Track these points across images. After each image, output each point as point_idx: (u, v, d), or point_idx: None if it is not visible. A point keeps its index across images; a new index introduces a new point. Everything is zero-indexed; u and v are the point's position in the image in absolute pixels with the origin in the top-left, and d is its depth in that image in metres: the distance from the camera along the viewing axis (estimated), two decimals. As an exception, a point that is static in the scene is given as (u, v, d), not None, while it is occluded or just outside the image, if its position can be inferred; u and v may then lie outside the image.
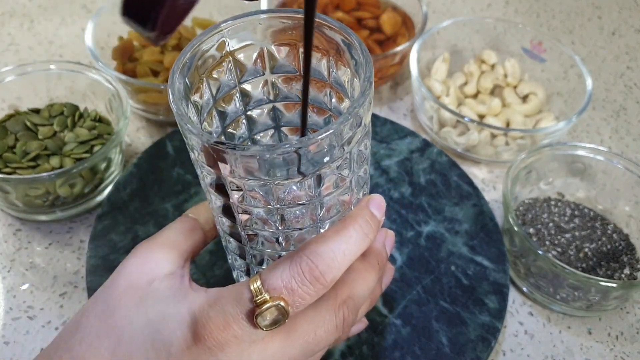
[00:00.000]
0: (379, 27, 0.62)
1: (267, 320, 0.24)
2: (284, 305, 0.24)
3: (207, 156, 0.23)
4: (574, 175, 0.51)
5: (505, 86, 0.60)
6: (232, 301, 0.25)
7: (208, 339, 0.24)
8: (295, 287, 0.25)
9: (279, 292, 0.24)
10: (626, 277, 0.45)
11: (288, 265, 0.25)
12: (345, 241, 0.26)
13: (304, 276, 0.25)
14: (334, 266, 0.25)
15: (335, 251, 0.25)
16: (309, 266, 0.25)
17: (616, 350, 0.44)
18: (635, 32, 0.74)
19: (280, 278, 0.25)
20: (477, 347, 0.40)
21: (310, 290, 0.25)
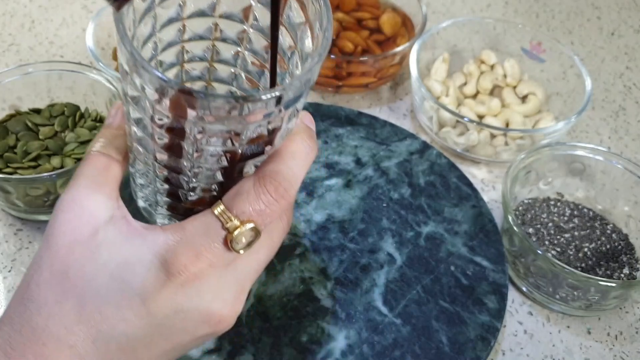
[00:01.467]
0: (379, 27, 0.62)
1: (241, 244, 0.25)
2: (256, 226, 0.25)
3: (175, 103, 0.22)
4: (573, 175, 0.52)
5: (505, 86, 0.60)
6: (200, 233, 0.25)
7: (183, 272, 0.25)
8: (263, 207, 0.25)
9: (249, 215, 0.25)
10: (625, 276, 0.45)
11: (252, 189, 0.25)
12: (297, 156, 0.26)
13: (271, 196, 0.25)
14: (294, 180, 0.26)
15: (292, 167, 0.26)
16: (274, 185, 0.25)
17: (615, 350, 0.44)
18: (635, 32, 0.75)
19: (248, 202, 0.25)
20: (476, 347, 0.40)
21: (277, 208, 0.26)
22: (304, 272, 0.44)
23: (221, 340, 0.39)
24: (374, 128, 0.54)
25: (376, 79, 0.59)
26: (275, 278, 0.43)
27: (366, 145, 0.53)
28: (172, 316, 0.25)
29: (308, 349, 0.39)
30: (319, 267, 0.44)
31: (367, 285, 0.43)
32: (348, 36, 0.60)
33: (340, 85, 0.59)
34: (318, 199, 0.48)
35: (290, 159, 0.26)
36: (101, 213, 0.26)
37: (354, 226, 0.47)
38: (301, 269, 0.44)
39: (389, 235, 0.46)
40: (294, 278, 0.43)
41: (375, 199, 0.49)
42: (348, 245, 0.45)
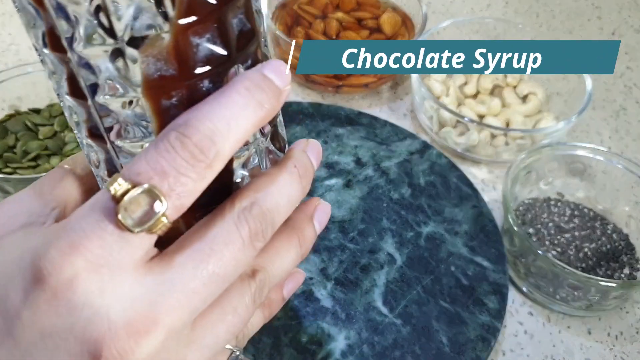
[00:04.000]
0: (379, 27, 0.62)
1: (134, 216, 0.17)
2: (153, 188, 0.17)
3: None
4: (573, 175, 0.52)
5: (505, 86, 0.60)
6: (81, 213, 0.18)
7: (49, 275, 0.17)
8: (166, 166, 0.18)
9: (146, 177, 0.18)
10: (626, 277, 0.45)
11: (154, 147, 0.18)
12: (226, 106, 0.19)
13: (177, 152, 0.18)
14: (216, 138, 0.18)
15: (214, 119, 0.18)
16: (180, 140, 0.18)
17: (616, 350, 0.44)
18: (635, 32, 0.74)
19: (145, 159, 0.18)
20: (477, 347, 0.40)
21: (189, 171, 0.18)
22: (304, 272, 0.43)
23: (221, 340, 0.39)
24: (374, 128, 0.54)
25: (376, 78, 0.59)
26: (275, 278, 0.43)
27: (366, 145, 0.53)
28: (40, 344, 0.17)
29: (308, 349, 0.39)
30: (319, 267, 0.44)
31: (367, 285, 0.43)
32: (348, 36, 0.60)
33: (340, 85, 0.59)
34: (318, 199, 0.48)
35: (212, 109, 0.19)
36: (21, 219, 0.21)
37: (354, 226, 0.47)
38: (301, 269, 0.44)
39: (389, 235, 0.46)
40: (294, 278, 0.43)
41: (375, 199, 0.49)
42: (348, 246, 0.45)
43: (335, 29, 0.61)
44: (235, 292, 0.21)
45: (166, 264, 0.19)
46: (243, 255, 0.20)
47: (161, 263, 0.19)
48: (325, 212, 0.26)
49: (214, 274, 0.19)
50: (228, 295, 0.21)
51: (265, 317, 0.27)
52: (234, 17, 0.20)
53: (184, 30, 0.18)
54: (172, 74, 0.19)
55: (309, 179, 0.23)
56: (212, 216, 0.20)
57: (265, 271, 0.23)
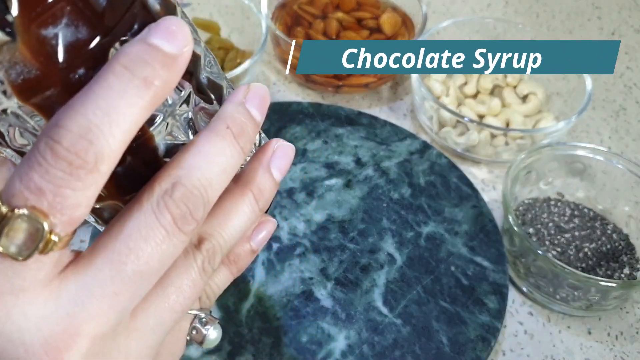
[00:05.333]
0: (379, 27, 0.62)
1: (17, 241, 0.16)
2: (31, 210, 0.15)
3: None
4: (573, 175, 0.52)
5: (505, 86, 0.60)
6: None
7: None
8: (40, 182, 0.15)
9: (21, 198, 0.15)
10: (626, 277, 0.45)
11: (25, 158, 0.16)
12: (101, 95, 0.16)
13: (48, 163, 0.15)
14: (93, 137, 0.15)
15: (87, 114, 0.15)
16: (50, 147, 0.15)
17: (616, 350, 0.44)
18: (635, 32, 0.74)
19: (18, 178, 0.16)
20: (477, 347, 0.40)
21: (68, 182, 0.15)
22: (304, 272, 0.43)
23: (221, 340, 0.39)
24: (374, 128, 0.54)
25: (376, 78, 0.59)
26: (275, 278, 0.43)
27: (366, 145, 0.53)
28: None
29: (308, 349, 0.39)
30: (319, 267, 0.44)
31: (367, 285, 0.43)
32: (348, 36, 0.60)
33: (340, 85, 0.59)
34: (318, 199, 0.48)
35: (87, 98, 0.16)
36: None
37: (354, 226, 0.47)
38: (301, 269, 0.44)
39: (389, 235, 0.46)
40: (294, 278, 0.43)
41: (375, 199, 0.49)
42: (348, 246, 0.45)
43: (335, 29, 0.61)
44: (178, 271, 0.20)
45: (81, 271, 0.17)
46: (170, 244, 0.18)
47: (76, 270, 0.17)
48: (286, 155, 0.22)
49: (137, 272, 0.17)
50: (169, 276, 0.20)
51: (232, 273, 0.25)
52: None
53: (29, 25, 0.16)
54: (37, 74, 0.16)
55: (248, 137, 0.19)
56: (128, 207, 0.18)
57: (214, 238, 0.20)
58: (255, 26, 0.58)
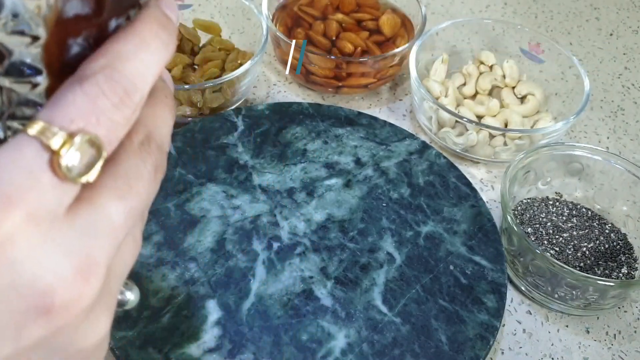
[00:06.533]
0: (379, 28, 0.62)
1: (80, 166, 0.17)
2: (93, 139, 0.17)
3: None
4: (571, 175, 0.52)
5: (504, 87, 0.60)
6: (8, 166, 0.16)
7: None
8: (99, 113, 0.17)
9: (81, 125, 0.17)
10: (624, 276, 0.46)
11: (80, 88, 0.17)
12: (144, 49, 0.19)
13: (107, 97, 0.17)
14: (139, 83, 0.18)
15: (136, 64, 0.18)
16: (110, 85, 0.18)
17: (614, 349, 0.45)
18: (633, 32, 0.75)
19: (76, 107, 0.17)
20: (475, 346, 0.40)
21: (119, 117, 0.18)
22: (304, 271, 0.44)
23: (222, 339, 0.40)
24: (373, 128, 0.55)
25: (376, 79, 0.59)
26: (275, 277, 0.43)
27: (366, 145, 0.53)
28: None
29: (308, 347, 0.40)
30: (319, 267, 0.44)
31: (366, 284, 0.43)
32: (348, 37, 0.60)
33: (340, 85, 0.59)
34: (318, 198, 0.49)
35: (132, 51, 0.18)
36: None
37: (353, 226, 0.47)
38: (301, 268, 0.44)
39: (388, 234, 0.47)
40: (294, 277, 0.43)
41: (374, 198, 0.49)
42: (348, 245, 0.46)
43: (335, 30, 0.61)
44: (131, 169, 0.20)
45: (90, 206, 0.18)
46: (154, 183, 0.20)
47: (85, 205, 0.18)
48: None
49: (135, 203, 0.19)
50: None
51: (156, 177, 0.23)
52: None
53: None
54: (87, 12, 0.18)
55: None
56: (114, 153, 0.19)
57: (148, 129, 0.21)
58: (256, 27, 0.58)
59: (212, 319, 0.41)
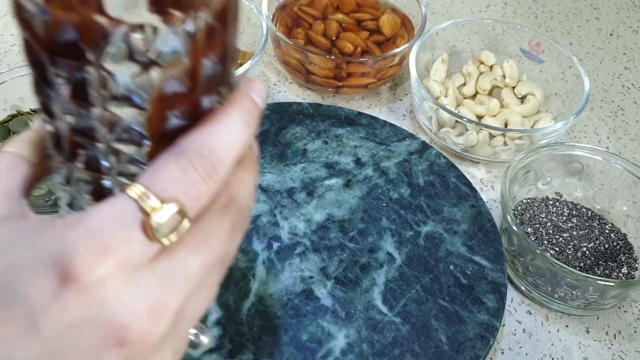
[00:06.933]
0: (379, 28, 0.62)
1: (166, 230, 0.20)
2: (183, 209, 0.20)
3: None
4: (571, 175, 0.52)
5: (504, 87, 0.60)
6: (110, 220, 0.19)
7: (84, 274, 0.18)
8: (190, 187, 0.20)
9: (172, 194, 0.20)
10: (624, 276, 0.46)
11: (175, 162, 0.20)
12: (232, 131, 0.22)
13: (198, 173, 0.20)
14: (225, 159, 0.21)
15: (222, 143, 0.21)
16: (202, 162, 0.21)
17: (614, 349, 0.45)
18: (633, 32, 0.75)
19: (170, 178, 0.20)
20: (475, 346, 0.40)
21: (205, 189, 0.21)
22: (304, 271, 0.44)
23: (222, 339, 0.40)
24: (373, 128, 0.55)
25: (376, 79, 0.59)
26: (275, 277, 0.43)
27: (366, 145, 0.53)
28: (66, 333, 0.19)
29: (308, 347, 0.40)
30: (319, 267, 0.44)
31: (366, 284, 0.43)
32: (348, 37, 0.60)
33: (340, 85, 0.59)
34: (318, 198, 0.49)
35: (222, 132, 0.21)
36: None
37: (353, 226, 0.47)
38: (301, 268, 0.44)
39: (388, 234, 0.47)
40: (294, 277, 0.43)
41: (374, 198, 0.49)
42: (348, 245, 0.46)
43: (335, 30, 0.61)
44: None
45: (169, 257, 0.21)
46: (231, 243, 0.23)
47: (165, 256, 0.21)
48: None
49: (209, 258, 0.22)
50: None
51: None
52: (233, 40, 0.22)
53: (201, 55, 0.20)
54: (184, 91, 0.21)
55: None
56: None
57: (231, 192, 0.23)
58: (256, 27, 0.58)
59: (212, 318, 0.41)
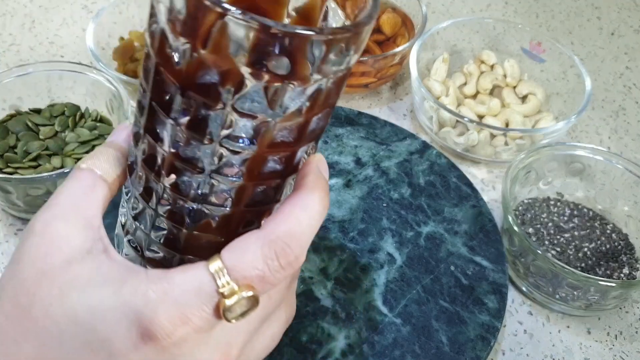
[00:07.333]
0: (379, 27, 0.62)
1: (235, 313, 0.22)
2: (255, 295, 0.22)
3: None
4: (573, 175, 0.52)
5: (505, 86, 0.60)
6: (189, 292, 0.21)
7: (163, 337, 0.21)
8: (268, 274, 0.22)
9: (250, 280, 0.22)
10: (625, 276, 0.45)
11: (260, 250, 0.22)
12: (312, 217, 0.23)
13: (279, 262, 0.22)
14: (305, 247, 0.23)
15: (306, 231, 0.23)
16: (285, 251, 0.22)
17: (615, 350, 0.44)
18: (634, 32, 0.75)
19: (252, 265, 0.22)
20: (476, 346, 0.40)
21: (281, 276, 0.22)
22: (304, 271, 0.44)
23: (221, 340, 0.39)
24: (374, 128, 0.55)
25: (376, 79, 0.59)
26: (275, 278, 0.43)
27: (366, 145, 0.53)
28: None
29: (308, 348, 0.39)
30: (319, 267, 0.44)
31: (367, 285, 0.43)
32: (348, 36, 0.60)
33: (340, 85, 0.59)
34: (318, 198, 0.48)
35: (304, 220, 0.23)
36: (78, 242, 0.22)
37: (354, 226, 0.47)
38: (301, 269, 0.44)
39: (389, 235, 0.46)
40: (294, 278, 0.43)
41: (375, 198, 0.49)
42: (348, 245, 0.45)
43: (335, 29, 0.61)
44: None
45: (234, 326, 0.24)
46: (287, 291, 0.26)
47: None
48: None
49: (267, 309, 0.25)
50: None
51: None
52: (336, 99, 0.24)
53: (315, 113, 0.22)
54: (290, 140, 0.22)
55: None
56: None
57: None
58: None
59: (212, 319, 0.40)
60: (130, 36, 0.58)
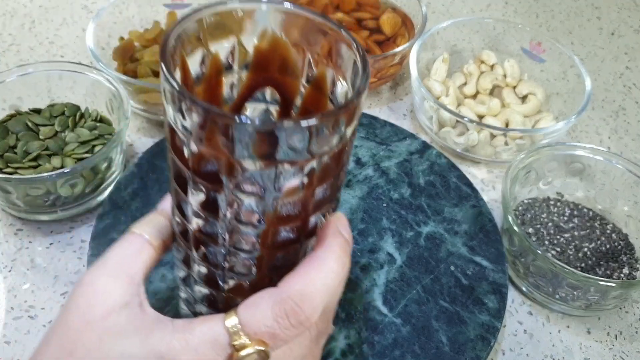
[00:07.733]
0: (379, 27, 0.62)
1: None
2: (265, 349, 0.24)
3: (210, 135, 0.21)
4: (573, 175, 0.52)
5: (505, 86, 0.60)
6: (206, 343, 0.24)
7: None
8: (278, 331, 0.24)
9: (260, 336, 0.24)
10: (625, 276, 0.45)
11: (271, 308, 0.24)
12: (327, 276, 0.24)
13: (289, 321, 0.24)
14: (318, 306, 0.24)
15: (320, 290, 0.24)
16: (295, 311, 0.24)
17: (615, 350, 0.44)
18: (634, 32, 0.75)
19: (263, 322, 0.24)
20: (476, 346, 0.40)
21: (293, 334, 0.24)
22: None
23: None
24: (374, 128, 0.54)
25: (376, 79, 0.59)
26: (275, 278, 0.43)
27: (366, 145, 0.53)
28: None
29: (308, 348, 0.39)
30: (319, 267, 0.44)
31: (367, 285, 0.43)
32: (348, 36, 0.60)
33: (340, 85, 0.59)
34: (318, 198, 0.48)
35: (319, 280, 0.24)
36: (118, 296, 0.25)
37: (354, 226, 0.47)
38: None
39: (389, 235, 0.46)
40: (294, 278, 0.43)
41: (375, 198, 0.49)
42: (348, 245, 0.45)
43: (335, 29, 0.61)
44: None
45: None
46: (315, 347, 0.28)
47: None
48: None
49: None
50: None
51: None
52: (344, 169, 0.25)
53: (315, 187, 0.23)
54: (296, 213, 0.24)
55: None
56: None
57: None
58: (256, 26, 0.58)
59: (212, 319, 0.40)
60: (130, 36, 0.58)
